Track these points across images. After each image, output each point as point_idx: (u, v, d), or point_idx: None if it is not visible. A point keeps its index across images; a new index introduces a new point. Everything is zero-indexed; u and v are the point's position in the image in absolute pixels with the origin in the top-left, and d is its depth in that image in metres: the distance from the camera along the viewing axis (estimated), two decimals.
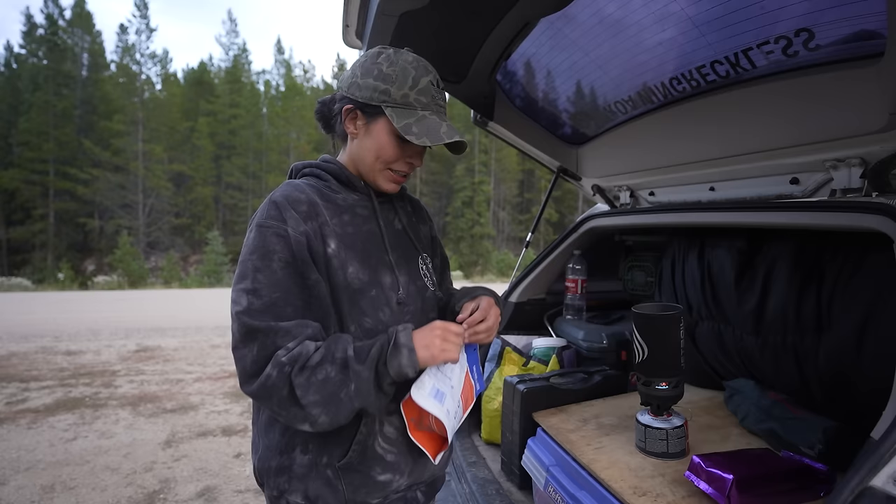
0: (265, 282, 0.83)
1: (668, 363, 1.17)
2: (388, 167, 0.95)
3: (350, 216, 0.94)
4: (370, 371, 0.82)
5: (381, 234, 0.97)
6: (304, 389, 0.79)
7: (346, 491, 0.91)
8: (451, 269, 8.59)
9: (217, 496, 2.73)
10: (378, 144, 0.93)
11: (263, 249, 0.84)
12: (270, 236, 0.85)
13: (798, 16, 1.08)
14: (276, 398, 0.80)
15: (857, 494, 0.67)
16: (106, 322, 8.72)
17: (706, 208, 1.54)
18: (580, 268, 2.06)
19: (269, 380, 0.80)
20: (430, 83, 0.92)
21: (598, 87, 1.70)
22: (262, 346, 0.81)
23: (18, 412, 4.03)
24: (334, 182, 0.97)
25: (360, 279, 0.90)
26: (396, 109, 0.89)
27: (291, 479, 0.91)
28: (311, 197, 0.90)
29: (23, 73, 27.50)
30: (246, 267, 0.84)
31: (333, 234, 0.89)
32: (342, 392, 0.81)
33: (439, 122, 0.91)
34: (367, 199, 0.98)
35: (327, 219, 0.90)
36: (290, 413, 0.81)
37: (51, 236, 25.94)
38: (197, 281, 21.77)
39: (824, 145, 1.21)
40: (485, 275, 24.73)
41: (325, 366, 0.81)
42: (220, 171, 29.71)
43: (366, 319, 0.91)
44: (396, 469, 0.94)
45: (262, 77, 34.43)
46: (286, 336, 0.82)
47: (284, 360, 0.80)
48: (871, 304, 1.14)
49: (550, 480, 1.24)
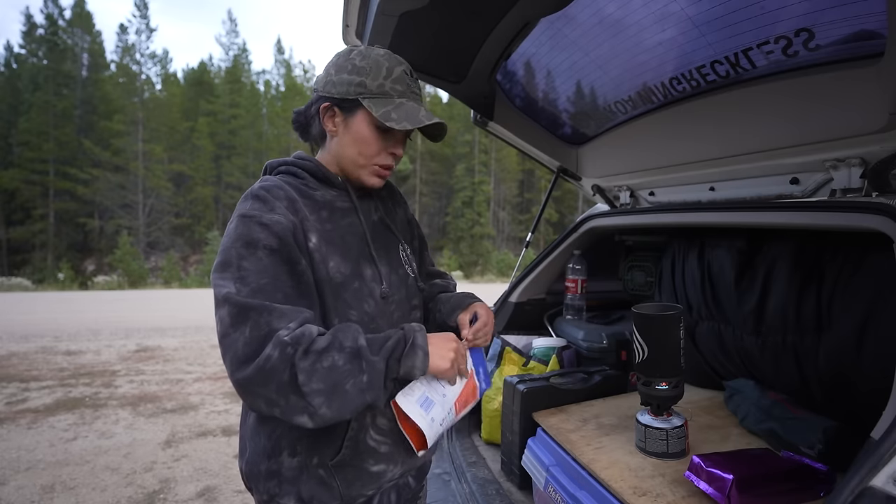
0: (251, 269, 0.78)
1: (668, 363, 1.17)
2: (372, 161, 0.94)
3: (328, 212, 0.93)
4: (383, 363, 0.80)
5: (361, 227, 0.96)
6: (307, 375, 0.73)
7: (341, 487, 0.90)
8: (452, 270, 8.60)
9: (217, 496, 2.73)
10: (358, 138, 0.92)
11: (248, 237, 0.80)
12: (254, 225, 0.81)
13: (798, 16, 1.08)
14: (274, 383, 0.73)
15: (857, 494, 0.67)
16: (106, 322, 8.72)
17: (706, 208, 1.54)
18: (580, 268, 2.06)
19: (268, 361, 0.72)
20: (404, 72, 0.93)
21: (598, 87, 1.70)
22: (256, 326, 0.74)
23: (18, 412, 4.03)
24: (311, 179, 0.95)
25: (342, 273, 0.89)
26: (374, 99, 0.89)
27: (282, 482, 0.89)
28: (289, 193, 0.88)
29: (23, 73, 27.50)
30: (229, 255, 0.79)
31: (314, 230, 0.88)
32: (349, 383, 0.76)
33: (417, 107, 0.91)
34: (345, 194, 0.97)
35: (307, 214, 0.88)
36: (289, 403, 0.74)
37: (51, 236, 25.94)
38: (197, 281, 21.76)
39: (824, 145, 1.21)
40: (485, 275, 24.73)
41: (332, 353, 0.76)
42: (220, 171, 29.71)
43: (351, 312, 0.90)
44: (390, 459, 0.95)
45: (262, 77, 34.51)
46: (282, 317, 0.76)
47: (287, 339, 0.74)
48: (872, 304, 1.14)
49: (550, 480, 1.24)
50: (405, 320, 1.00)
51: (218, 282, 0.79)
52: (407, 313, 1.02)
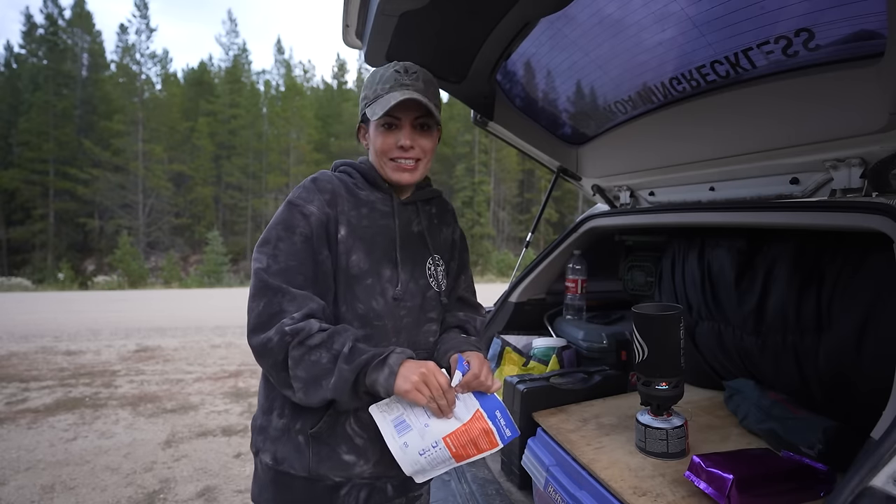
0: (285, 250, 0.94)
1: (668, 363, 1.17)
2: (388, 157, 1.03)
3: (368, 210, 1.03)
4: (352, 374, 0.88)
5: (394, 231, 1.04)
6: (295, 362, 0.88)
7: (312, 460, 0.97)
8: None
9: (217, 496, 2.73)
10: (373, 142, 1.04)
11: (288, 222, 0.95)
12: (296, 213, 0.96)
13: (798, 16, 1.08)
14: (271, 360, 0.90)
15: (857, 494, 0.67)
16: (106, 322, 8.72)
17: (706, 208, 1.54)
18: (580, 268, 2.06)
19: (269, 342, 0.88)
20: (395, 70, 1.01)
21: (598, 87, 1.70)
22: (269, 304, 0.90)
23: (18, 412, 4.03)
24: (361, 180, 1.06)
25: (360, 267, 0.99)
26: (371, 105, 1.00)
27: (266, 439, 1.00)
28: (336, 188, 1.01)
29: (23, 73, 27.51)
30: (270, 234, 0.95)
31: (346, 223, 0.99)
32: (324, 379, 0.88)
33: (397, 95, 0.97)
34: (388, 199, 1.07)
35: (345, 209, 1.00)
36: (280, 377, 0.91)
37: (51, 236, 25.95)
38: (197, 281, 21.77)
39: (824, 145, 1.21)
40: (485, 275, 24.72)
41: (321, 350, 0.88)
42: (220, 171, 29.69)
43: (358, 305, 0.98)
44: (362, 454, 0.99)
45: (262, 77, 34.45)
46: (292, 301, 0.90)
47: (287, 329, 0.87)
48: (871, 304, 1.14)
49: (550, 480, 1.24)
50: (416, 327, 1.05)
51: (256, 255, 0.95)
52: (419, 322, 1.06)
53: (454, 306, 1.19)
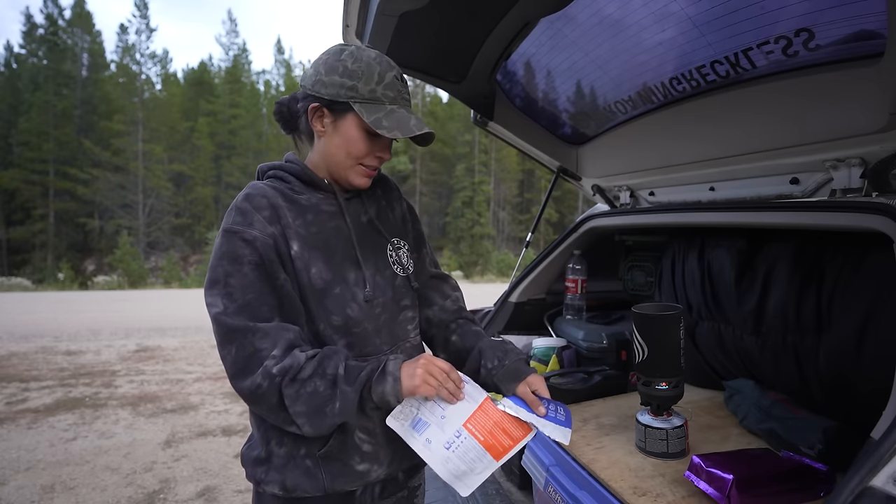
0: (237, 285, 0.85)
1: (668, 363, 1.17)
2: (359, 162, 0.95)
3: (314, 215, 0.94)
4: (356, 393, 0.84)
5: (347, 229, 0.97)
6: (292, 400, 0.82)
7: (326, 479, 0.93)
8: (451, 269, 8.60)
9: (217, 496, 2.73)
10: (347, 140, 0.93)
11: (233, 254, 0.86)
12: (237, 241, 0.86)
13: (798, 16, 1.08)
14: (266, 405, 0.84)
15: (857, 494, 0.67)
16: (106, 322, 8.72)
17: (706, 208, 1.54)
18: (580, 268, 2.06)
19: (259, 389, 0.82)
20: (395, 78, 0.92)
21: (598, 87, 1.70)
22: (241, 347, 0.83)
23: (18, 412, 4.03)
24: (297, 183, 0.96)
25: (324, 279, 0.91)
26: (365, 105, 0.90)
27: (269, 469, 0.94)
28: (273, 200, 0.91)
29: (23, 73, 27.50)
30: (217, 272, 0.86)
31: (296, 236, 0.90)
32: (327, 406, 0.84)
33: (408, 115, 0.91)
34: (332, 197, 0.98)
35: (290, 220, 0.91)
36: (280, 417, 0.85)
37: (51, 236, 25.94)
38: (197, 281, 21.72)
39: (824, 145, 1.21)
40: (485, 275, 24.73)
41: (315, 380, 0.83)
42: (220, 171, 29.69)
43: (333, 317, 0.92)
44: (374, 460, 0.96)
45: (262, 77, 34.49)
46: (265, 338, 0.83)
47: (274, 371, 0.82)
48: (872, 304, 1.13)
49: (550, 480, 1.24)
50: (393, 322, 1.00)
51: (208, 300, 0.86)
52: (395, 314, 1.01)
53: (429, 285, 1.14)
